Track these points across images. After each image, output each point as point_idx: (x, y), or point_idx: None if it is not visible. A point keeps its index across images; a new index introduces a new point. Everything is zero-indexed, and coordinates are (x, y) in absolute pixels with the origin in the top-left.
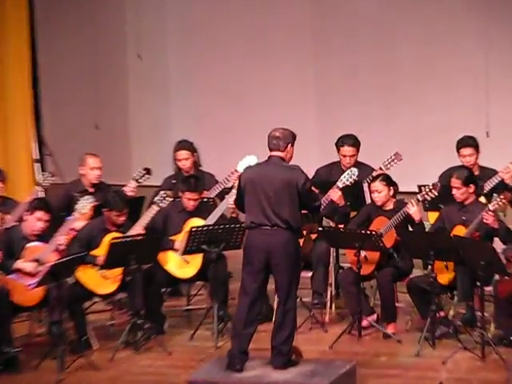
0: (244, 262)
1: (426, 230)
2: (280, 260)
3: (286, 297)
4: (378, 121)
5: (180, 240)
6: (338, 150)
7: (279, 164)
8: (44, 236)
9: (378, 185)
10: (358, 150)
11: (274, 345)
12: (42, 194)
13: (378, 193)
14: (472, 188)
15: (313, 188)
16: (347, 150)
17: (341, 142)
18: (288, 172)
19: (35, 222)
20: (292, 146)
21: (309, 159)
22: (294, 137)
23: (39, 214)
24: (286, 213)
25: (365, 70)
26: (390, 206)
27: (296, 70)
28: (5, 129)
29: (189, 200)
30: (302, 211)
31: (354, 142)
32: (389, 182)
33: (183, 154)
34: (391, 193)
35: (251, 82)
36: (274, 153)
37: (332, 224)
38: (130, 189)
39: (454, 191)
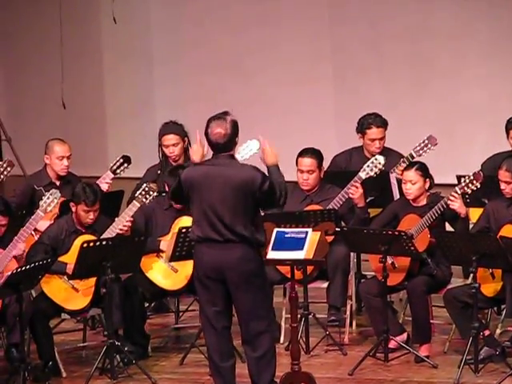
0: (197, 285)
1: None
2: (238, 281)
3: (255, 334)
4: (407, 99)
5: (167, 243)
6: (364, 134)
7: (228, 163)
8: (0, 239)
9: (412, 174)
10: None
11: None
12: None
13: (411, 184)
14: None
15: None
16: (376, 131)
17: (367, 124)
18: (240, 172)
19: None
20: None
21: (325, 145)
22: (236, 122)
23: None
24: (241, 224)
25: (390, 40)
26: (422, 201)
27: (310, 41)
28: None
29: None
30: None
31: (384, 121)
32: (425, 172)
33: (171, 138)
34: (426, 186)
35: (255, 54)
36: (222, 153)
37: None
38: (105, 182)
39: (503, 186)
